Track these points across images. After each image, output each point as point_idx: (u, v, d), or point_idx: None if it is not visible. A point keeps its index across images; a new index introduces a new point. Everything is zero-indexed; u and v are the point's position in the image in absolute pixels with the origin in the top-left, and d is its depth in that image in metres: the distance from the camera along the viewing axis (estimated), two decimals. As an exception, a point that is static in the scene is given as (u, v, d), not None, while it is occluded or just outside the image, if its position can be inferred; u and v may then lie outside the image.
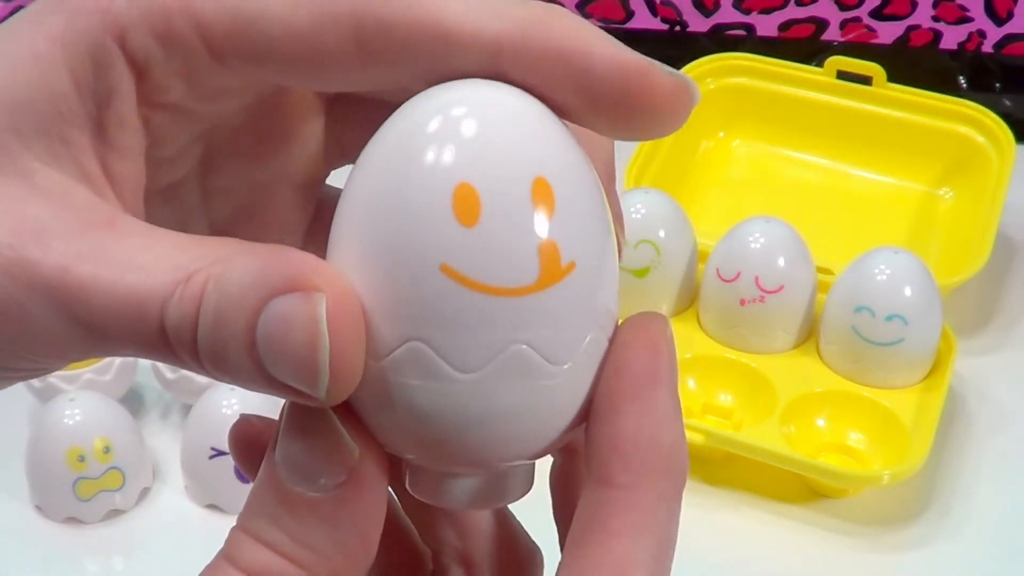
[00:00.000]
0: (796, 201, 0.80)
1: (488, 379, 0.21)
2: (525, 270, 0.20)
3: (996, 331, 0.74)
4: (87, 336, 0.21)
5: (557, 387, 0.21)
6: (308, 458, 0.21)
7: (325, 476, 0.21)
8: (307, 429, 0.21)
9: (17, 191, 0.22)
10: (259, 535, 0.22)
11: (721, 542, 0.61)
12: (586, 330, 0.21)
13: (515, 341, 0.20)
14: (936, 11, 0.91)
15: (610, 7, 0.95)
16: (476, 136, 0.20)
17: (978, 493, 0.63)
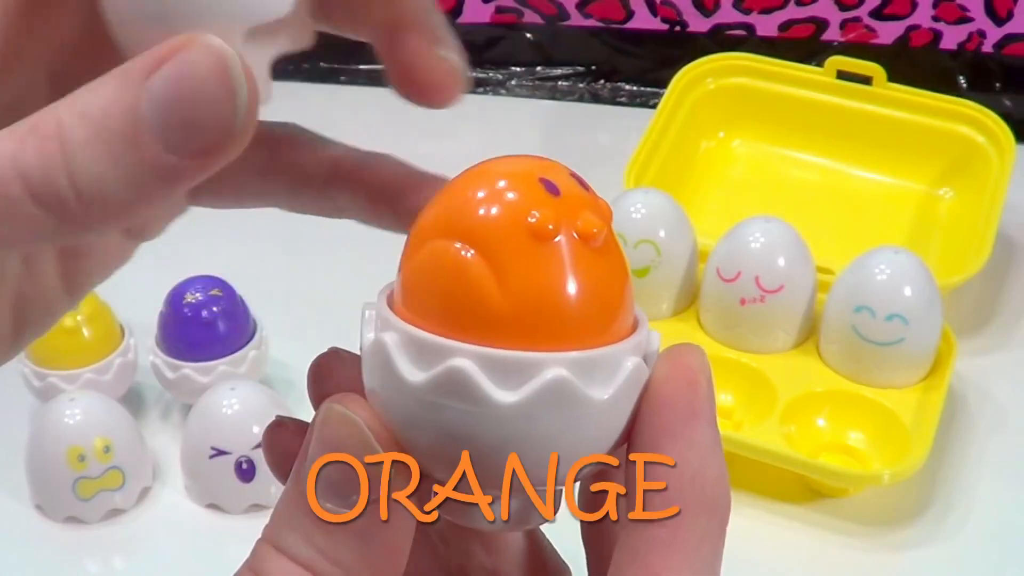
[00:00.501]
0: (796, 201, 0.80)
1: (527, 405, 0.21)
2: None
3: (996, 331, 0.74)
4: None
5: (596, 415, 0.21)
6: (342, 475, 0.21)
7: (355, 493, 0.21)
8: (341, 444, 0.21)
9: None
10: (286, 549, 0.21)
11: (721, 542, 0.61)
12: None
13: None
14: (936, 11, 0.91)
15: (610, 7, 0.95)
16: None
17: (978, 493, 0.63)
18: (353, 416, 0.21)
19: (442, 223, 0.22)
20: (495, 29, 0.97)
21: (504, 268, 0.21)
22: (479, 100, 0.94)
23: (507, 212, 0.21)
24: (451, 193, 0.22)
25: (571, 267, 0.21)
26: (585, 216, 0.21)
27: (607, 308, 0.22)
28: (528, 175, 0.22)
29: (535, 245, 0.21)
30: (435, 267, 0.22)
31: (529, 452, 0.21)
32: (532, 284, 0.21)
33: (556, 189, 0.21)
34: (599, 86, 0.96)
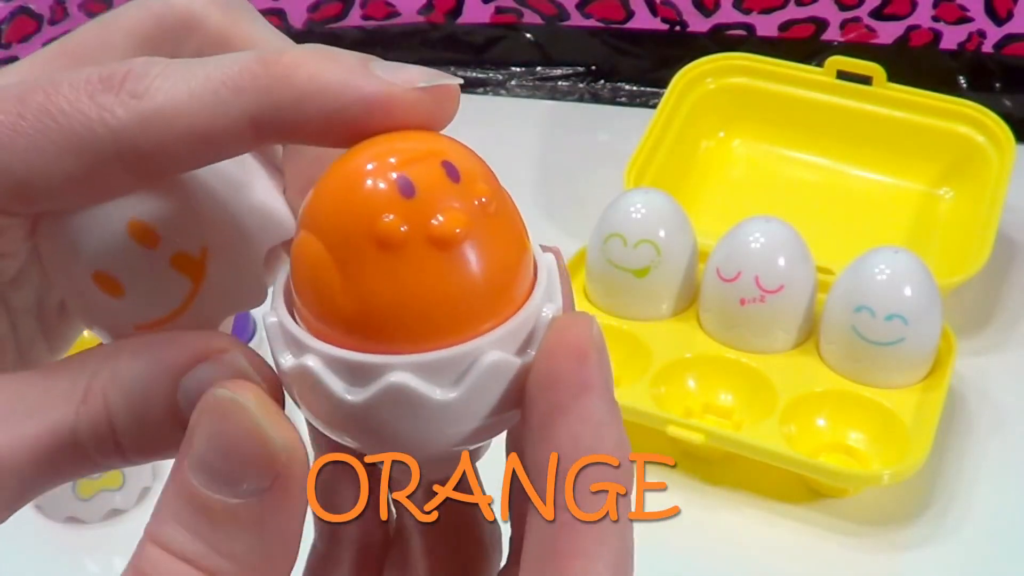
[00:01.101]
0: (796, 201, 0.80)
1: (371, 406, 0.22)
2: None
3: (996, 331, 0.74)
4: (13, 488, 0.22)
5: (443, 414, 0.22)
6: (229, 463, 0.20)
7: (248, 482, 0.20)
8: (229, 433, 0.20)
9: None
10: (171, 545, 0.20)
11: (721, 542, 0.61)
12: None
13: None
14: (936, 11, 0.91)
15: (610, 7, 0.95)
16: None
17: (978, 493, 0.63)
18: (241, 400, 0.21)
19: (308, 214, 0.22)
20: (495, 29, 0.97)
21: (350, 272, 0.21)
22: (479, 100, 0.94)
23: (355, 216, 0.21)
24: (324, 181, 0.22)
25: (419, 275, 0.21)
26: (442, 217, 0.21)
27: (464, 308, 0.21)
28: (384, 171, 0.21)
29: (381, 252, 0.21)
30: (298, 257, 0.22)
31: (380, 450, 0.22)
32: (377, 291, 0.21)
33: (411, 189, 0.21)
34: (599, 86, 0.96)
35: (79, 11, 0.93)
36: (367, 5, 0.96)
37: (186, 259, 0.24)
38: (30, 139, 0.21)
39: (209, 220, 0.24)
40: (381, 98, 0.21)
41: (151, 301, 0.24)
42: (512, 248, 0.22)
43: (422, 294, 0.21)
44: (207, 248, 0.24)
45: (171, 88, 0.21)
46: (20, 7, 0.91)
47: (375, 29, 0.97)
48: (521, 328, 0.22)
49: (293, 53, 0.22)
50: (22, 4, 0.91)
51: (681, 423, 0.61)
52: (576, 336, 0.21)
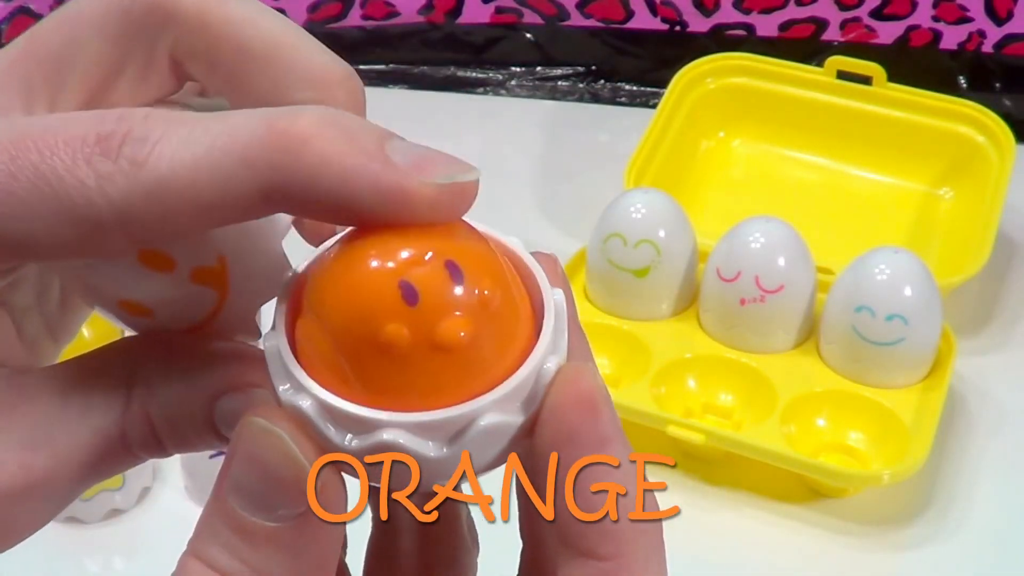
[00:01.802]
0: (796, 201, 0.80)
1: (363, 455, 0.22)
2: None
3: (996, 331, 0.74)
4: (66, 499, 0.24)
5: (432, 468, 0.22)
6: (266, 488, 0.21)
7: (284, 506, 0.21)
8: (263, 458, 0.21)
9: None
10: (213, 563, 0.21)
11: (721, 542, 0.61)
12: None
13: None
14: (936, 11, 0.91)
15: (610, 7, 0.95)
16: None
17: (978, 493, 0.63)
18: (276, 431, 0.21)
19: (313, 301, 0.22)
20: (495, 29, 0.97)
21: (353, 362, 0.21)
22: (479, 100, 0.94)
23: (360, 321, 0.21)
24: (329, 270, 0.22)
25: (421, 373, 0.21)
26: (444, 326, 0.21)
27: (464, 377, 0.22)
28: (389, 275, 0.21)
29: (384, 354, 0.21)
30: (303, 330, 0.22)
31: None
32: (378, 378, 0.21)
33: (415, 297, 0.21)
34: (599, 86, 0.96)
35: (79, 11, 0.93)
36: (367, 5, 0.96)
37: (205, 272, 0.24)
38: (25, 203, 0.20)
39: (219, 230, 0.24)
40: (396, 193, 0.20)
41: (181, 315, 0.25)
42: (514, 325, 0.22)
43: (423, 382, 0.21)
44: (223, 256, 0.24)
45: (173, 155, 0.20)
46: (20, 7, 0.91)
47: (375, 29, 0.97)
48: (522, 387, 0.22)
49: (306, 121, 0.20)
50: (22, 4, 0.91)
51: (681, 423, 0.61)
52: (582, 387, 0.22)
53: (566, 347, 0.23)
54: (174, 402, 0.23)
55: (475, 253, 0.22)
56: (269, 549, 0.21)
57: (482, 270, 0.22)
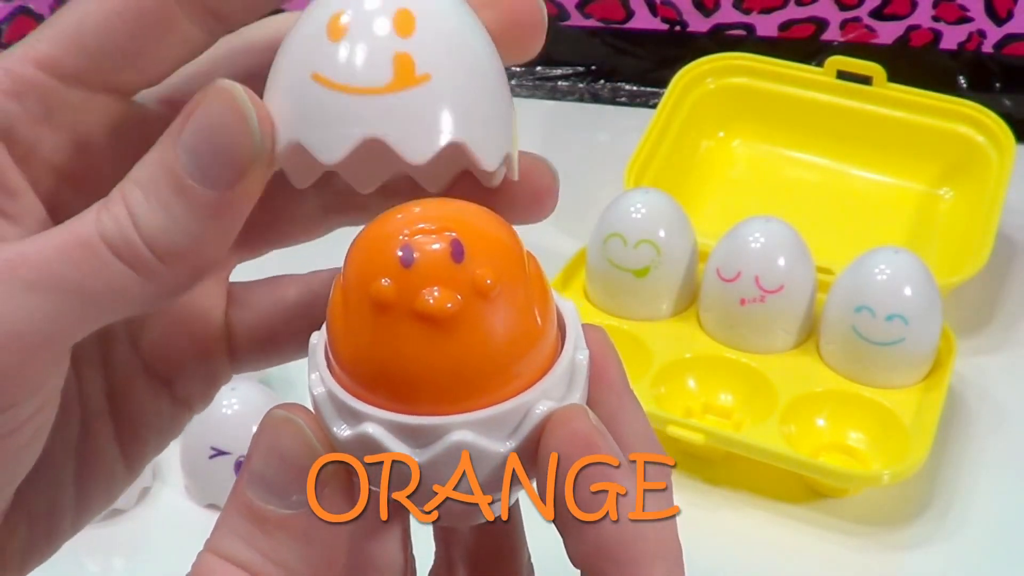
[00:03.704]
0: (796, 201, 0.80)
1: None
2: (380, 73, 0.23)
3: (996, 331, 0.74)
4: (49, 302, 0.22)
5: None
6: (281, 474, 0.22)
7: (299, 492, 0.22)
8: (280, 445, 0.22)
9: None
10: (229, 555, 0.22)
11: (721, 542, 0.61)
12: (443, 137, 0.23)
13: (368, 135, 0.23)
14: (936, 11, 0.91)
15: (610, 7, 0.95)
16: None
17: (978, 493, 0.63)
18: (295, 419, 0.22)
19: (345, 260, 0.23)
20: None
21: (352, 322, 0.23)
22: (479, 100, 0.94)
23: (361, 273, 0.23)
24: (360, 235, 0.24)
25: (407, 342, 0.22)
26: (429, 292, 0.22)
27: (456, 388, 0.22)
28: (396, 237, 0.22)
29: (375, 314, 0.22)
30: (330, 299, 0.24)
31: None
32: (369, 345, 0.22)
33: (410, 258, 0.22)
34: (599, 86, 0.96)
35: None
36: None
37: None
38: None
39: None
40: None
41: None
42: (521, 335, 0.23)
43: (411, 360, 0.22)
44: None
45: None
46: (20, 7, 0.91)
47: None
48: (505, 417, 0.23)
49: None
50: (22, 4, 0.91)
51: (681, 423, 0.61)
52: (576, 427, 0.22)
53: (577, 400, 0.24)
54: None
55: (494, 246, 0.23)
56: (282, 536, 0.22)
57: (489, 259, 0.22)
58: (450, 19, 0.24)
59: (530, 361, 0.23)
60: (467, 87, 0.24)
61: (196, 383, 0.28)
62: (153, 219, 0.22)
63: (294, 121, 0.23)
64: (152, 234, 0.22)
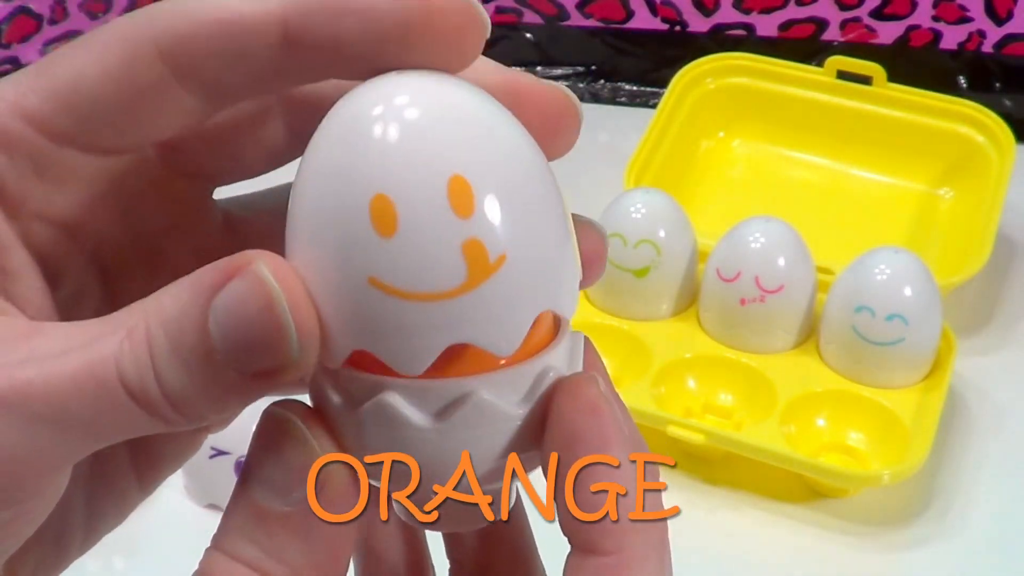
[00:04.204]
0: (796, 201, 0.80)
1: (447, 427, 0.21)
2: (452, 272, 0.20)
3: (996, 331, 0.74)
4: (55, 434, 0.21)
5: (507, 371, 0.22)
6: (279, 472, 0.22)
7: (297, 489, 0.21)
8: (278, 443, 0.22)
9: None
10: (232, 552, 0.22)
11: (721, 542, 0.61)
12: (530, 315, 0.21)
13: (454, 341, 0.21)
14: (936, 11, 0.91)
15: (610, 7, 0.95)
16: (389, 141, 0.20)
17: (978, 493, 0.63)
18: (290, 416, 0.22)
19: None
20: (495, 29, 0.96)
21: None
22: (479, 100, 0.94)
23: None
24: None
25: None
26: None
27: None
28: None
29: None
30: None
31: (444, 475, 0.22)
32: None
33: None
34: (599, 86, 0.96)
35: (79, 11, 0.93)
36: (367, 5, 0.96)
37: None
38: None
39: None
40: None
41: None
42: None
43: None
44: None
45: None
46: (20, 7, 0.91)
47: (375, 29, 0.97)
48: (522, 377, 0.22)
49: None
50: (22, 4, 0.91)
51: (681, 423, 0.61)
52: (585, 394, 0.22)
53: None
54: (173, 313, 0.21)
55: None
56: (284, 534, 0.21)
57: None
58: (510, 169, 0.21)
59: (538, 327, 0.22)
60: (542, 253, 0.21)
61: None
62: (174, 376, 0.21)
63: (356, 331, 0.21)
64: (171, 389, 0.21)
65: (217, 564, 0.22)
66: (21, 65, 0.92)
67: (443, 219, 0.20)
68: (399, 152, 0.20)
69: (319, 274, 0.21)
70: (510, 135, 0.21)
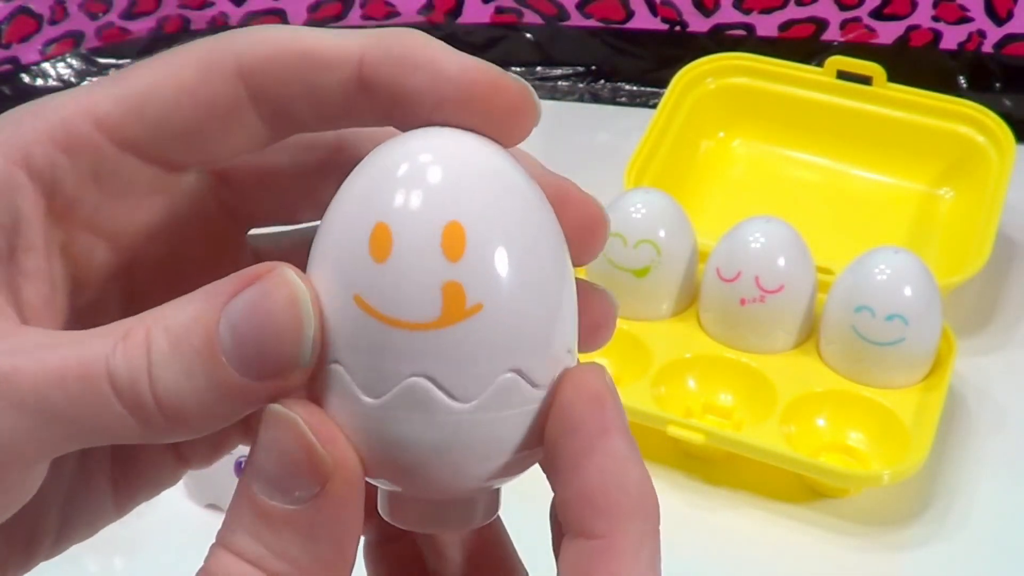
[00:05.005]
0: (796, 201, 0.80)
1: (390, 407, 0.22)
2: (428, 307, 0.21)
3: (996, 331, 0.74)
4: (35, 426, 0.21)
5: (463, 424, 0.22)
6: (282, 471, 0.22)
7: (299, 488, 0.21)
8: (280, 442, 0.22)
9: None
10: (238, 549, 0.22)
11: (721, 542, 0.61)
12: (496, 371, 0.22)
13: (414, 373, 0.21)
14: (936, 11, 0.91)
15: (610, 7, 0.95)
16: (404, 179, 0.22)
17: (978, 493, 0.63)
18: (291, 415, 0.22)
19: None
20: (495, 29, 0.97)
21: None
22: (479, 100, 0.94)
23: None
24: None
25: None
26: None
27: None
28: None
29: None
30: None
31: (399, 455, 0.22)
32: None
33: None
34: (599, 86, 0.96)
35: (79, 11, 0.93)
36: (367, 5, 0.96)
37: None
38: None
39: None
40: (488, 72, 0.23)
41: None
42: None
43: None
44: None
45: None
46: (20, 7, 0.91)
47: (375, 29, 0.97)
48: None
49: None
50: (22, 4, 0.91)
51: (681, 423, 0.61)
52: (590, 384, 0.23)
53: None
54: (180, 317, 0.21)
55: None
56: (288, 532, 0.21)
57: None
58: (514, 229, 0.22)
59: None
60: (523, 313, 0.22)
61: (203, 447, 0.28)
62: (171, 379, 0.21)
63: (335, 342, 0.22)
64: (165, 393, 0.21)
65: (222, 561, 0.22)
66: (21, 65, 0.92)
67: (431, 256, 0.21)
68: (410, 190, 0.22)
69: (319, 286, 0.22)
70: (525, 200, 0.23)
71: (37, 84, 0.93)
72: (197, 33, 0.97)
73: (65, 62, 0.94)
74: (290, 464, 0.21)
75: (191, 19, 0.96)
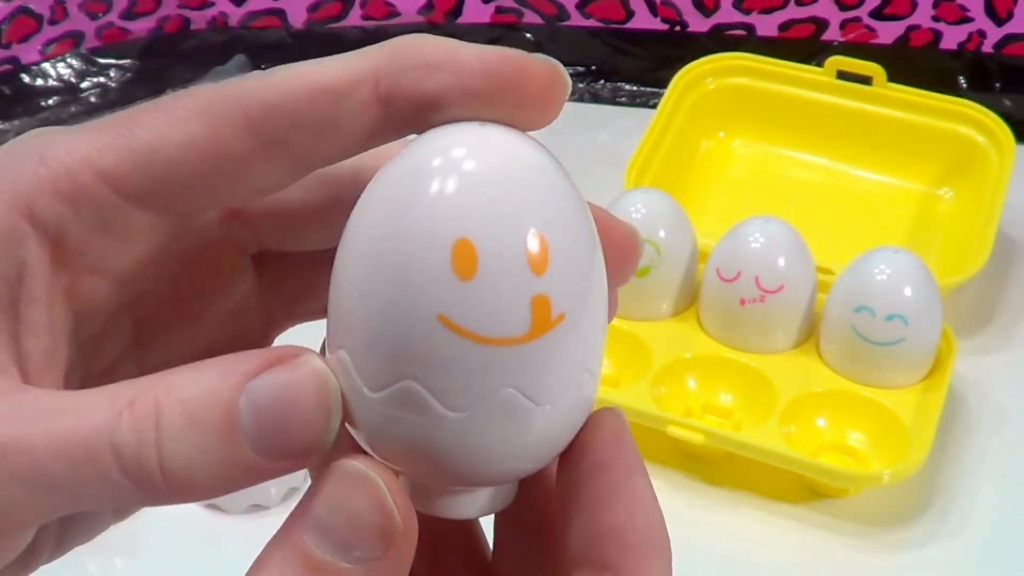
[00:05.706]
0: (796, 201, 0.80)
1: (476, 417, 0.21)
2: (517, 322, 0.21)
3: (996, 331, 0.74)
4: (32, 495, 0.21)
5: (537, 424, 0.22)
6: (349, 530, 0.21)
7: (363, 549, 0.21)
8: (353, 501, 0.21)
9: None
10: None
11: (721, 542, 0.61)
12: (572, 375, 0.22)
13: (506, 386, 0.21)
14: (936, 11, 0.91)
15: (610, 7, 0.95)
16: (476, 189, 0.21)
17: (978, 493, 0.63)
18: (374, 477, 0.21)
19: None
20: (495, 29, 0.97)
21: None
22: (479, 100, 0.94)
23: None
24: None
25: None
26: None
27: None
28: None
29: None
30: None
31: (477, 457, 0.22)
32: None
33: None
34: (599, 86, 0.96)
35: (79, 11, 0.93)
36: (367, 5, 0.96)
37: None
38: None
39: None
40: (513, 55, 0.22)
41: None
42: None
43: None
44: None
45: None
46: (20, 7, 0.91)
47: (375, 29, 0.97)
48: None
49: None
50: (22, 4, 0.91)
51: (681, 423, 0.61)
52: (613, 427, 0.23)
53: None
54: (196, 389, 0.21)
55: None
56: None
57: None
58: (577, 233, 0.22)
59: None
60: (592, 315, 0.22)
61: None
62: (183, 453, 0.20)
63: (410, 362, 0.21)
64: (174, 466, 0.20)
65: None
66: (21, 65, 0.93)
67: (519, 271, 0.21)
68: (486, 201, 0.21)
69: (377, 307, 0.21)
70: (576, 200, 0.23)
71: (37, 84, 0.93)
72: (197, 33, 0.97)
73: (65, 62, 0.94)
74: (360, 526, 0.21)
75: (191, 19, 0.96)
